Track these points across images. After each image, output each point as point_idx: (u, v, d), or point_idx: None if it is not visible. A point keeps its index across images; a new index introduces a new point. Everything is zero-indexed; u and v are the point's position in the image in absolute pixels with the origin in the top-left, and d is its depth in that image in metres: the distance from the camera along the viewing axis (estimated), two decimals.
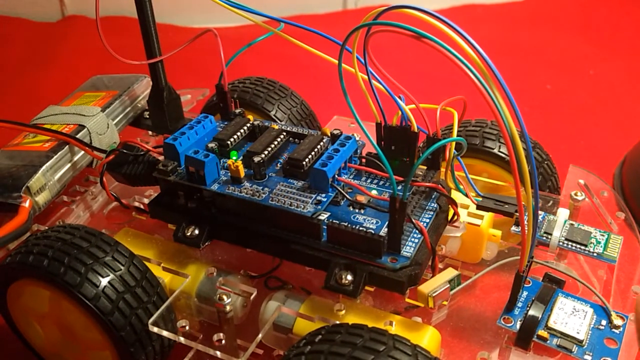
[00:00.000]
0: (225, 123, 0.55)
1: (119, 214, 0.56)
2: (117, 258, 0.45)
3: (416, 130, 0.48)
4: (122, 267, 0.44)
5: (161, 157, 0.52)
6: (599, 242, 0.47)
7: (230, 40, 0.98)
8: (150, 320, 0.44)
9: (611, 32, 1.10)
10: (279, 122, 0.63)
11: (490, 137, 0.55)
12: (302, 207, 0.45)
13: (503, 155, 0.55)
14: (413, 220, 0.43)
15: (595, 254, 0.46)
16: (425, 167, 0.49)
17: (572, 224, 0.48)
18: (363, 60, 0.43)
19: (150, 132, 0.66)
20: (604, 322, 0.41)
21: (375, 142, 0.45)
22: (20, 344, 0.52)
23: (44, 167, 0.51)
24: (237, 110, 0.55)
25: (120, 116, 0.61)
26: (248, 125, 0.53)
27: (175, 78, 0.62)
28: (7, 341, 0.53)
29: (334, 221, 0.44)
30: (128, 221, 0.55)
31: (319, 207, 0.45)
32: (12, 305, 0.49)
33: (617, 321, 0.40)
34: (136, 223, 0.55)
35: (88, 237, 0.45)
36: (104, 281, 0.43)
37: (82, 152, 0.55)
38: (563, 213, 0.49)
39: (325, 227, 0.45)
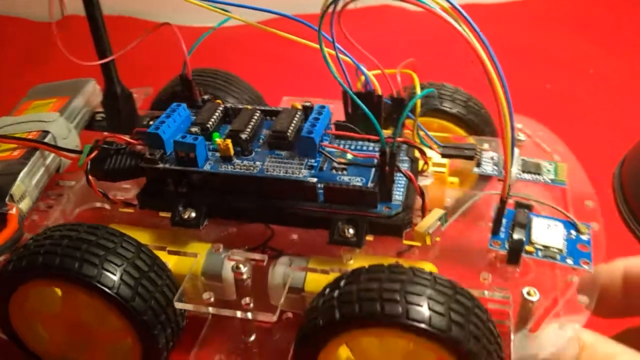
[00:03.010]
0: (195, 110, 0.56)
1: (95, 214, 0.56)
2: (126, 247, 0.46)
3: (380, 93, 0.53)
4: (133, 255, 0.45)
5: (139, 147, 0.53)
6: (549, 171, 0.54)
7: (230, 40, 0.97)
8: (175, 298, 0.45)
9: (611, 31, 1.10)
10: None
11: (445, 98, 0.61)
12: (298, 173, 0.48)
13: (454, 112, 0.61)
14: (402, 170, 0.48)
15: (549, 180, 0.53)
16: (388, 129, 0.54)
17: (524, 159, 0.55)
18: (330, 38, 0.47)
19: (105, 133, 0.65)
20: (573, 233, 0.48)
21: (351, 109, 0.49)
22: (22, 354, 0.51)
23: (22, 174, 0.51)
24: (206, 97, 0.57)
25: (77, 120, 0.61)
26: (220, 108, 0.55)
27: (130, 76, 0.62)
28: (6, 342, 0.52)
29: (330, 182, 0.48)
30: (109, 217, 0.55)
31: (313, 171, 0.48)
32: (15, 313, 0.48)
33: (583, 229, 0.48)
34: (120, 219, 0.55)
35: (93, 231, 0.45)
36: (120, 269, 0.44)
37: (51, 157, 0.55)
38: (515, 152, 0.56)
39: (321, 189, 0.48)
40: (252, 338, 0.52)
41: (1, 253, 0.46)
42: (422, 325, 0.38)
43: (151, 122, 0.61)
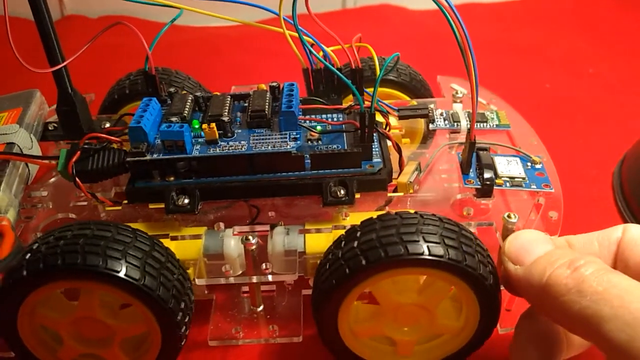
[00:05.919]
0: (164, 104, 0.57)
1: (80, 217, 0.56)
2: (142, 240, 0.46)
3: (339, 66, 0.57)
4: (149, 247, 0.46)
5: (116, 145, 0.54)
6: (493, 118, 0.61)
7: (230, 40, 0.93)
8: (197, 274, 0.47)
9: (611, 31, 1.11)
10: None
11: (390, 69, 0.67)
12: (285, 145, 0.51)
13: (400, 80, 0.66)
14: (379, 130, 0.53)
15: (495, 126, 0.60)
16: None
17: (468, 111, 0.62)
18: (292, 21, 0.52)
19: (61, 142, 0.64)
20: (529, 164, 0.55)
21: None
22: None
23: (2, 185, 0.50)
24: (172, 89, 0.58)
25: (33, 130, 0.59)
26: (190, 98, 0.56)
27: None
28: None
29: (316, 150, 0.52)
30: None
31: (298, 142, 0.52)
32: (25, 324, 0.47)
33: (537, 160, 0.55)
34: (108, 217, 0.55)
35: (106, 228, 0.46)
36: (142, 262, 0.45)
37: (21, 168, 0.54)
38: (458, 106, 0.63)
39: (307, 157, 0.52)
40: (261, 308, 0.55)
41: (5, 265, 0.45)
42: (443, 260, 0.43)
43: (107, 125, 0.62)
